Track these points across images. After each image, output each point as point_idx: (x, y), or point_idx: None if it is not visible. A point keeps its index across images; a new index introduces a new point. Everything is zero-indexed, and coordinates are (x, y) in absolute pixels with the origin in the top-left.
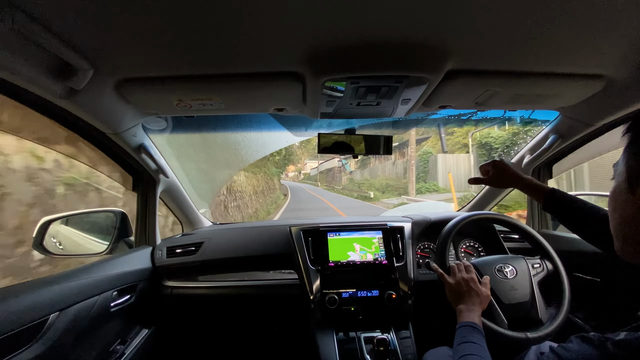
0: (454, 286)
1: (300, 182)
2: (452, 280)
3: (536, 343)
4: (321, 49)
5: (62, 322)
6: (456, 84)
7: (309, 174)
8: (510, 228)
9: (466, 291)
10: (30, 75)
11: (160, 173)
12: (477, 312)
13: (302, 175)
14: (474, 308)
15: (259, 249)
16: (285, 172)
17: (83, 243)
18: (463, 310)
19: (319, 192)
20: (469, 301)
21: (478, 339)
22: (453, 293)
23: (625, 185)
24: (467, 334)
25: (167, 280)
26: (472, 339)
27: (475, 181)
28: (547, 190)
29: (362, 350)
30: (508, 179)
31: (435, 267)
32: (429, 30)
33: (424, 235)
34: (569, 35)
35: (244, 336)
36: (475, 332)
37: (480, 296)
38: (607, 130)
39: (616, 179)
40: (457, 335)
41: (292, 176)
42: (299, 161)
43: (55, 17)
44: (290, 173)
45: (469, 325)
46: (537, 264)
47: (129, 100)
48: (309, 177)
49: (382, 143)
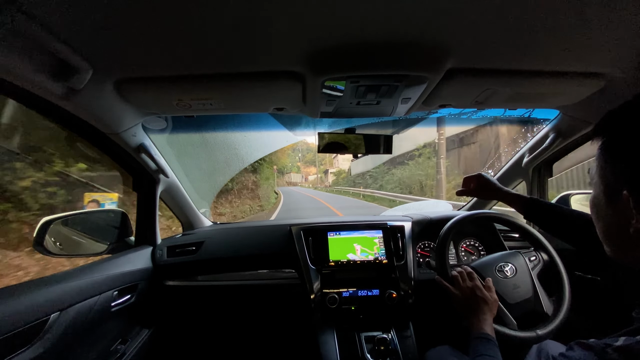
0: (460, 298)
1: (328, 189)
2: (458, 292)
3: (547, 338)
4: (321, 48)
5: (62, 322)
6: (456, 83)
7: (342, 173)
8: (509, 226)
9: (474, 301)
10: (30, 75)
11: (160, 173)
12: (488, 321)
13: (329, 179)
14: (485, 317)
15: (260, 249)
16: (304, 175)
17: (83, 243)
18: (474, 322)
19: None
20: (479, 310)
21: (492, 350)
22: (461, 305)
23: (603, 197)
24: (481, 347)
25: (168, 280)
26: (487, 352)
27: (461, 193)
28: (527, 200)
29: (362, 350)
30: (490, 192)
31: (439, 279)
32: (429, 30)
33: (424, 234)
34: (569, 33)
35: (245, 336)
36: (489, 344)
37: (488, 303)
38: None
39: (594, 188)
40: (471, 349)
41: (312, 180)
42: (324, 161)
43: (54, 17)
44: (311, 176)
45: (483, 338)
46: (533, 257)
47: (129, 100)
48: (346, 178)
49: (382, 142)
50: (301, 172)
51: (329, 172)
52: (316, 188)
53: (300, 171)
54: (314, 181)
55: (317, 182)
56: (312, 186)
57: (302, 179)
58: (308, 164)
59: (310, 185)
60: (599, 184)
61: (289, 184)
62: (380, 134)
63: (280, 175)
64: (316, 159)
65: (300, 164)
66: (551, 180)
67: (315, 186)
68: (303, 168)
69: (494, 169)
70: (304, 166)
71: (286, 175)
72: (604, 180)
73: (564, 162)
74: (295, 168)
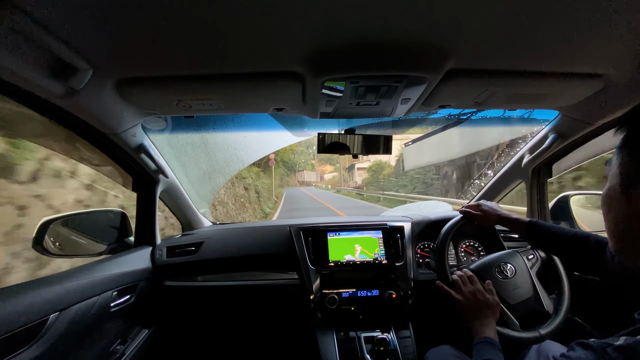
0: (462, 302)
1: (366, 193)
2: (460, 296)
3: (549, 338)
4: (321, 48)
5: (62, 322)
6: (456, 84)
7: (384, 167)
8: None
9: (476, 305)
10: (29, 75)
11: (160, 173)
12: (491, 325)
13: (356, 177)
14: (488, 321)
15: (259, 249)
16: (320, 172)
17: (83, 243)
18: (477, 326)
19: None
20: (482, 315)
21: (496, 354)
22: (463, 309)
23: (619, 188)
24: (484, 352)
25: (167, 280)
26: (490, 356)
27: (465, 214)
28: (526, 222)
29: (362, 350)
30: (492, 218)
31: (440, 285)
32: (429, 30)
33: (424, 235)
34: (569, 34)
35: (244, 336)
36: (493, 348)
37: (490, 307)
38: (607, 129)
39: (610, 180)
40: (474, 353)
41: (330, 179)
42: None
43: (54, 17)
44: (328, 174)
45: (486, 342)
46: (530, 255)
47: (129, 100)
48: (391, 176)
49: (382, 142)
50: (315, 170)
51: (356, 168)
52: (338, 191)
53: (314, 169)
54: (332, 181)
55: (338, 182)
56: (333, 188)
57: (318, 178)
58: (323, 162)
59: (329, 186)
60: (616, 175)
61: (302, 183)
62: (380, 135)
63: (290, 173)
64: (332, 156)
65: (315, 162)
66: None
67: (337, 188)
68: (318, 166)
69: (493, 170)
70: (319, 164)
71: (298, 174)
72: (622, 171)
73: (564, 163)
74: (309, 166)
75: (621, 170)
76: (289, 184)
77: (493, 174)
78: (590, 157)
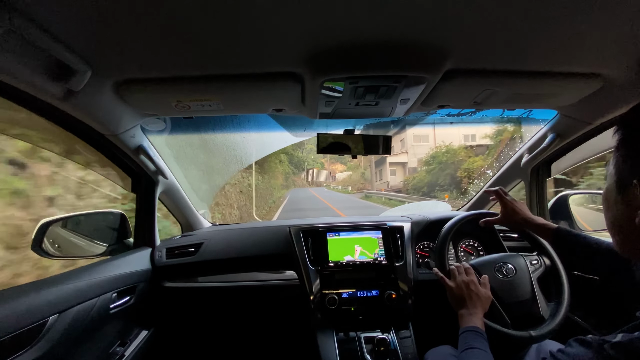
0: (454, 290)
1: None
2: (453, 284)
3: (540, 341)
4: (320, 49)
5: (61, 324)
6: (455, 84)
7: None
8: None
9: (467, 294)
10: (28, 76)
11: (159, 174)
12: (479, 315)
13: (387, 177)
14: (476, 311)
15: (259, 250)
16: (331, 171)
17: (82, 244)
18: (465, 315)
19: None
20: (470, 304)
21: (481, 343)
22: (454, 297)
23: (615, 187)
24: (471, 340)
25: (167, 282)
26: (476, 345)
27: (486, 223)
28: (554, 229)
29: (362, 350)
30: (518, 219)
31: (436, 271)
32: (428, 30)
33: (424, 235)
34: (567, 34)
35: (244, 337)
36: (479, 337)
37: (481, 298)
38: (605, 128)
39: (608, 180)
40: (460, 341)
41: (343, 179)
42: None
43: (53, 19)
44: (340, 173)
45: (472, 330)
46: (534, 261)
47: (128, 102)
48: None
49: (381, 143)
50: (325, 168)
51: (387, 164)
52: (367, 196)
53: (324, 167)
54: (348, 181)
55: (355, 182)
56: (354, 190)
57: (329, 178)
58: (334, 161)
59: (349, 188)
60: (612, 175)
61: (311, 183)
62: (380, 135)
63: (297, 171)
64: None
65: (325, 160)
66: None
67: (364, 192)
68: (328, 165)
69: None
70: (329, 162)
71: (307, 173)
72: (618, 171)
73: (562, 162)
74: (318, 164)
75: (616, 171)
76: (295, 183)
77: (492, 173)
78: (589, 156)
